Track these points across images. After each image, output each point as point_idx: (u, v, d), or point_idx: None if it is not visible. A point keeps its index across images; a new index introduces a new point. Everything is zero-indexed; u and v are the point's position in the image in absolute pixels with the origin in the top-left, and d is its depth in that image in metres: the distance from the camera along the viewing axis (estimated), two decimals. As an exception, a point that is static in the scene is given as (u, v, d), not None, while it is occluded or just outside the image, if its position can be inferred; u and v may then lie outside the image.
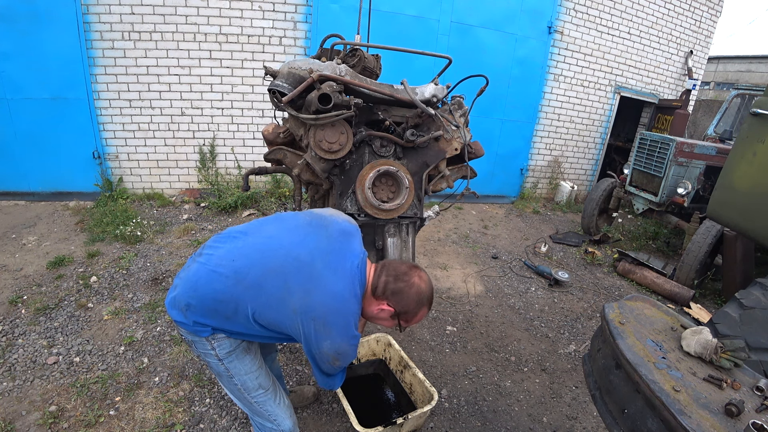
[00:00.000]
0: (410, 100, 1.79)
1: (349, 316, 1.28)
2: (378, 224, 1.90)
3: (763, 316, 1.93)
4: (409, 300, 1.34)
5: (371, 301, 1.37)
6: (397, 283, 1.33)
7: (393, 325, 1.42)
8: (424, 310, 1.39)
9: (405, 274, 1.35)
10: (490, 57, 6.09)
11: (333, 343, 1.25)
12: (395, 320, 1.39)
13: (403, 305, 1.34)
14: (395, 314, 1.36)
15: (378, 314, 1.37)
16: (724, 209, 2.64)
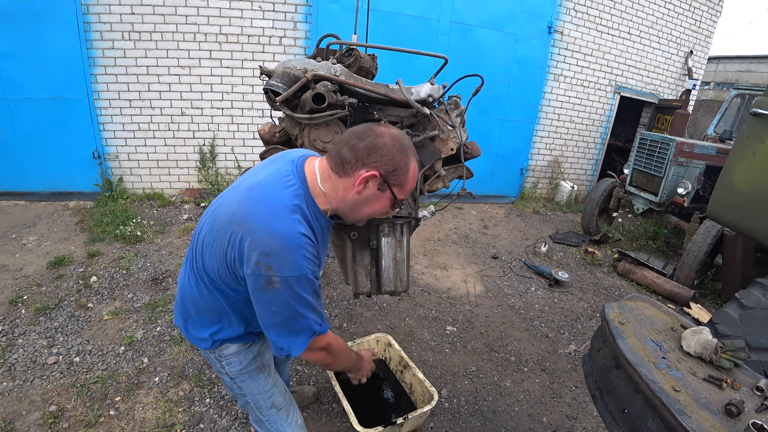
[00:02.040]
0: (405, 99, 1.78)
1: (276, 208, 1.03)
2: (372, 224, 1.89)
3: (763, 316, 1.93)
4: (389, 150, 1.04)
5: (345, 183, 1.08)
6: (364, 140, 1.05)
7: (387, 205, 1.14)
8: (413, 162, 1.10)
9: (368, 130, 1.07)
10: (490, 57, 6.08)
11: (255, 240, 0.99)
12: (386, 191, 1.10)
13: (386, 161, 1.05)
14: (383, 181, 1.07)
15: (364, 194, 1.09)
16: (724, 209, 2.63)
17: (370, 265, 1.94)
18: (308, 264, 1.04)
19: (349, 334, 2.95)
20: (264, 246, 1.00)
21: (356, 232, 1.88)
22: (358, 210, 1.15)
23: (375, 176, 1.06)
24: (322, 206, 1.13)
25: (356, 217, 1.18)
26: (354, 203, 1.12)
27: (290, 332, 1.08)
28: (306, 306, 1.07)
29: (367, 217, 1.18)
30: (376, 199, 1.12)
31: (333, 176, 1.10)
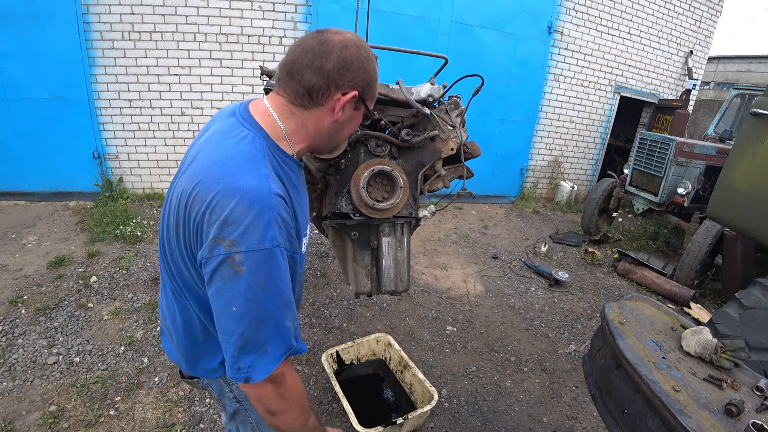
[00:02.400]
0: (405, 99, 1.78)
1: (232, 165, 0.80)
2: (373, 224, 1.89)
3: (763, 316, 1.93)
4: (360, 62, 0.86)
5: (317, 115, 0.89)
6: (330, 58, 0.83)
7: (360, 120, 0.99)
8: (376, 63, 0.95)
9: (326, 43, 0.85)
10: (490, 57, 6.09)
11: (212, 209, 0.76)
12: (361, 108, 0.95)
13: (361, 75, 0.87)
14: (359, 99, 0.90)
15: (342, 118, 0.92)
16: (724, 209, 2.63)
17: (371, 265, 1.94)
18: (283, 235, 0.81)
19: (349, 334, 2.95)
20: (222, 212, 0.75)
21: (357, 232, 1.88)
22: (335, 138, 0.98)
23: (355, 96, 0.88)
24: (289, 150, 0.92)
25: (333, 146, 1.01)
26: (330, 132, 0.95)
27: (255, 346, 0.78)
28: (281, 303, 0.81)
29: (342, 142, 1.04)
30: (352, 119, 0.96)
31: (297, 111, 0.89)
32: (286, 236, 0.82)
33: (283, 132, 0.90)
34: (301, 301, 1.22)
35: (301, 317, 3.09)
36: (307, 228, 1.01)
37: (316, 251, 4.23)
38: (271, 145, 0.88)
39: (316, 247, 4.33)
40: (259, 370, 0.80)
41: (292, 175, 0.92)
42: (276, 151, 0.88)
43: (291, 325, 0.84)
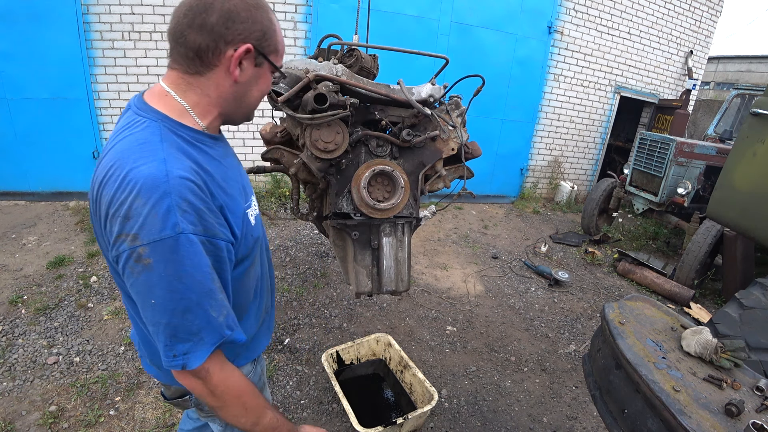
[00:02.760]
0: (406, 100, 1.79)
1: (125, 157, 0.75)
2: (374, 224, 1.90)
3: (763, 316, 1.93)
4: (247, 12, 0.80)
5: (215, 78, 0.82)
6: (211, 12, 0.77)
7: (269, 79, 0.91)
8: (273, 14, 0.87)
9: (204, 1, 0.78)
10: (490, 57, 6.09)
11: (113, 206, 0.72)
12: (264, 64, 0.86)
13: (251, 26, 0.80)
14: (258, 53, 0.83)
15: (243, 78, 0.84)
16: (724, 209, 2.63)
17: (372, 265, 1.94)
18: (191, 219, 0.73)
19: (349, 334, 2.95)
20: (122, 207, 0.71)
21: (358, 232, 1.88)
22: (245, 102, 0.89)
23: (249, 50, 0.81)
24: (197, 125, 0.85)
25: (245, 111, 0.93)
26: (237, 96, 0.87)
27: (189, 333, 0.76)
28: (201, 291, 0.75)
29: (255, 106, 0.94)
30: (257, 78, 0.87)
31: (194, 80, 0.82)
32: (197, 219, 0.74)
33: (184, 107, 0.83)
34: (274, 285, 1.21)
35: (301, 317, 3.09)
36: (249, 201, 0.95)
37: (316, 251, 4.23)
38: (171, 125, 0.81)
39: (316, 247, 4.33)
40: (195, 356, 0.77)
41: (210, 150, 0.85)
42: (181, 129, 0.81)
43: (217, 314, 0.77)
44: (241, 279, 0.95)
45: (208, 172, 0.80)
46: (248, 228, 0.91)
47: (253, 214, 0.96)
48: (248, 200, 0.95)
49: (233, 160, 0.97)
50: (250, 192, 1.00)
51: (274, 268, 1.28)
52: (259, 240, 0.99)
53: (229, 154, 0.96)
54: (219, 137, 0.93)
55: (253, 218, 0.96)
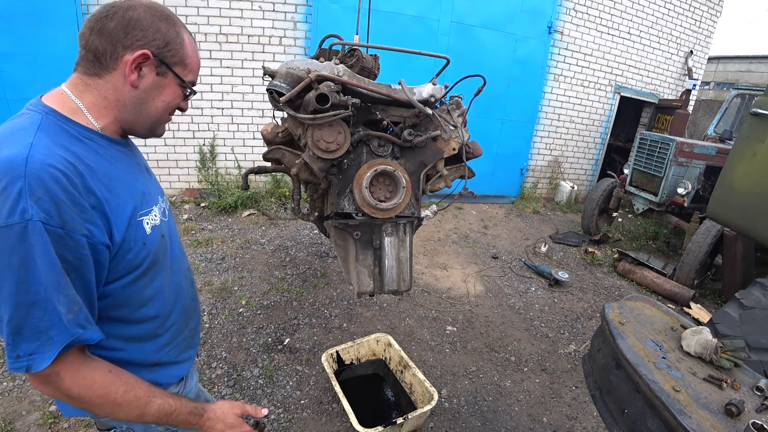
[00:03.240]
0: (407, 100, 1.79)
1: None
2: (375, 223, 1.90)
3: (763, 316, 1.93)
4: (149, 22, 0.82)
5: (113, 81, 0.82)
6: (113, 18, 0.80)
7: (178, 93, 0.90)
8: (185, 32, 0.89)
9: (112, 7, 0.81)
10: (490, 57, 6.09)
11: None
12: (168, 74, 0.87)
13: (152, 35, 0.82)
14: (159, 62, 0.84)
15: (142, 85, 0.84)
16: (724, 209, 2.64)
17: (373, 265, 1.94)
18: (45, 207, 0.68)
19: (349, 334, 2.96)
20: None
21: (359, 232, 1.88)
22: (144, 111, 0.87)
23: (146, 56, 0.81)
24: (91, 125, 0.83)
25: (146, 122, 0.90)
26: (135, 102, 0.85)
27: (36, 332, 0.70)
28: (49, 285, 0.69)
29: (160, 117, 0.91)
30: (158, 88, 0.87)
31: (92, 81, 0.82)
32: (53, 209, 0.68)
33: (78, 107, 0.82)
34: (197, 308, 1.15)
35: (301, 317, 3.10)
36: (147, 208, 0.90)
37: (316, 251, 4.23)
38: (59, 119, 0.79)
39: (316, 247, 4.33)
40: (42, 357, 0.70)
41: (99, 149, 0.82)
42: (69, 123, 0.80)
43: (66, 310, 0.71)
44: (129, 291, 0.86)
45: (90, 166, 0.77)
46: (138, 235, 0.85)
47: (151, 224, 0.90)
48: (146, 207, 0.90)
49: (135, 167, 0.94)
50: (154, 201, 0.95)
51: (196, 289, 1.18)
52: (157, 254, 0.91)
53: (129, 160, 0.92)
54: (120, 141, 0.90)
55: (150, 227, 0.89)
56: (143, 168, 0.99)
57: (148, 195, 0.94)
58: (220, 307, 3.11)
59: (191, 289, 1.12)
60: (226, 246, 4.14)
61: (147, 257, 0.87)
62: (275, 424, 2.17)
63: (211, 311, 3.06)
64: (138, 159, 0.98)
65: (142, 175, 0.96)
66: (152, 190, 0.97)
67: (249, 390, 2.38)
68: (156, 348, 0.96)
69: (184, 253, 1.11)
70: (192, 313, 1.11)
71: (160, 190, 1.05)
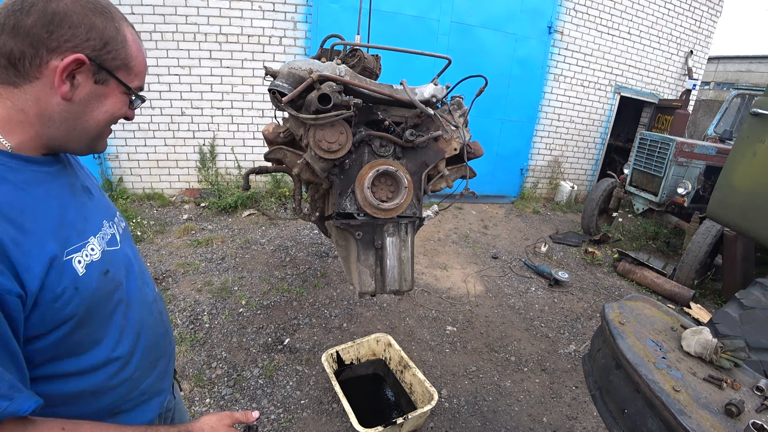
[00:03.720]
0: (409, 100, 1.79)
1: None
2: (377, 224, 1.90)
3: (763, 316, 1.93)
4: (80, 17, 0.66)
5: (35, 92, 0.67)
6: (31, 13, 0.63)
7: (122, 101, 0.76)
8: (125, 26, 0.76)
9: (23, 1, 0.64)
10: (490, 57, 6.09)
11: None
12: (110, 81, 0.72)
13: (85, 33, 0.67)
14: (98, 67, 0.69)
15: (77, 96, 0.69)
16: (724, 209, 2.64)
17: (375, 265, 1.94)
18: None
19: (349, 334, 2.96)
20: None
21: (361, 232, 1.89)
22: (80, 125, 0.72)
23: (80, 61, 0.66)
24: (3, 144, 0.68)
25: (83, 138, 0.75)
26: (67, 116, 0.70)
27: None
28: None
29: (102, 131, 0.76)
30: (100, 98, 0.72)
31: (5, 91, 0.66)
32: None
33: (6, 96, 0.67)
34: (165, 336, 0.98)
35: (301, 317, 3.10)
36: (79, 243, 0.73)
37: (316, 251, 4.23)
38: None
39: (316, 247, 4.33)
40: None
41: (6, 173, 0.66)
42: None
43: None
44: (65, 345, 0.71)
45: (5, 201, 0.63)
46: (65, 279, 0.68)
47: (86, 261, 0.73)
48: (79, 240, 0.73)
49: (65, 189, 0.77)
50: (94, 230, 0.78)
51: (168, 318, 1.02)
52: (98, 297, 0.74)
53: (58, 182, 0.76)
54: (41, 160, 0.73)
55: (83, 267, 0.72)
56: (80, 189, 0.81)
57: (85, 223, 0.77)
58: (220, 307, 3.11)
59: (159, 322, 0.95)
60: (226, 246, 4.14)
61: (81, 304, 0.70)
62: (275, 424, 2.18)
63: (211, 311, 3.06)
64: (73, 179, 0.80)
65: (77, 199, 0.79)
66: (92, 215, 0.81)
67: (249, 390, 2.38)
68: (113, 399, 0.81)
69: (147, 283, 0.94)
70: (162, 350, 0.95)
71: (107, 212, 0.88)
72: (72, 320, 0.70)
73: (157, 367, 0.93)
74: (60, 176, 0.77)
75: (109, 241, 0.82)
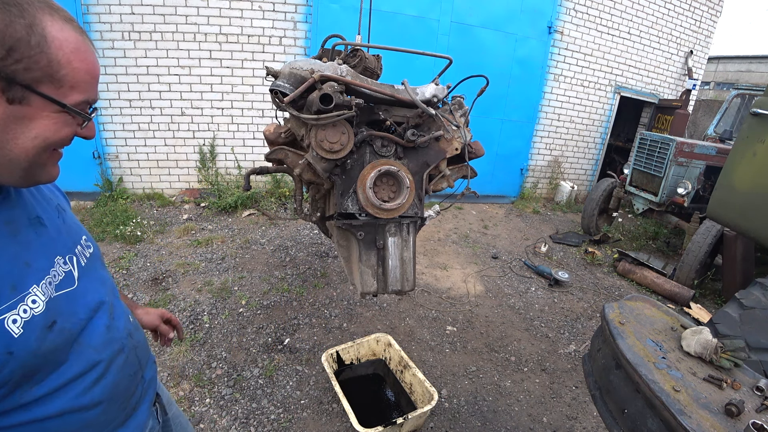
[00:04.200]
0: (411, 100, 1.79)
1: None
2: (379, 224, 1.90)
3: (763, 316, 1.94)
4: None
5: None
6: None
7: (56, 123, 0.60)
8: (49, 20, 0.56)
9: None
10: (490, 57, 6.09)
11: None
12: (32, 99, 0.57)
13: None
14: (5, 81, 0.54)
15: None
16: (724, 209, 2.64)
17: (377, 265, 1.94)
18: None
19: (350, 334, 2.96)
20: None
21: (363, 232, 1.89)
22: (5, 154, 0.58)
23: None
24: None
25: (14, 169, 0.60)
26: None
27: None
28: None
29: (34, 161, 0.61)
30: (22, 120, 0.57)
31: None
32: None
33: None
34: (138, 372, 0.88)
35: (301, 317, 3.10)
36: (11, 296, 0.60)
37: (316, 251, 4.23)
38: None
39: (316, 247, 4.33)
40: None
41: None
42: None
43: None
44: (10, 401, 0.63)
45: None
46: None
47: (25, 318, 0.61)
48: (16, 293, 0.61)
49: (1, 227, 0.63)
50: (40, 275, 0.66)
51: (144, 349, 0.92)
52: (41, 356, 0.63)
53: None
54: None
55: (20, 327, 0.60)
56: (24, 224, 0.67)
57: (25, 270, 0.64)
58: (220, 307, 3.12)
59: (132, 361, 0.84)
60: (226, 246, 4.15)
61: (17, 369, 0.60)
62: (275, 424, 2.18)
63: (211, 311, 3.07)
64: (14, 212, 0.66)
65: (17, 239, 0.65)
66: (37, 257, 0.67)
67: (249, 390, 2.38)
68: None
69: (118, 317, 0.82)
70: (131, 390, 0.85)
71: (64, 244, 0.75)
72: (7, 385, 0.60)
73: (126, 409, 0.83)
74: (5, 215, 0.64)
75: (60, 284, 0.69)
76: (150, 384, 0.94)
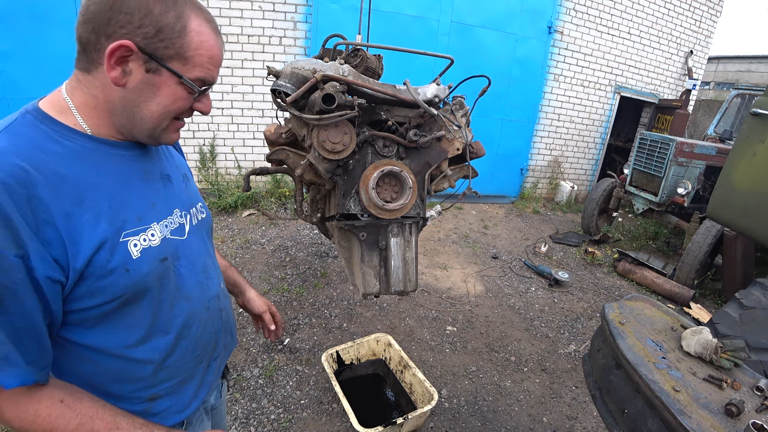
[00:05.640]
0: (413, 100, 1.79)
1: None
2: (381, 224, 1.90)
3: (763, 316, 1.94)
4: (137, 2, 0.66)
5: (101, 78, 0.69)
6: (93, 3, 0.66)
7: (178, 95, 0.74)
8: (192, 13, 0.71)
9: None
10: (490, 57, 6.09)
11: None
12: (161, 71, 0.70)
13: (138, 19, 0.66)
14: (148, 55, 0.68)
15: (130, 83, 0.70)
16: (724, 209, 2.64)
17: (379, 266, 1.95)
18: None
19: (349, 334, 2.96)
20: None
21: (365, 233, 1.89)
22: (136, 114, 0.73)
23: (125, 48, 0.65)
24: (76, 125, 0.72)
25: (144, 128, 0.75)
26: (125, 104, 0.71)
27: None
28: None
29: (158, 124, 0.76)
30: (154, 88, 0.71)
31: (82, 77, 0.71)
32: None
33: (68, 105, 0.71)
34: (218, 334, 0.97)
35: (301, 317, 3.10)
36: (138, 227, 0.75)
37: (316, 251, 4.23)
38: (38, 117, 0.69)
39: (316, 247, 4.33)
40: None
41: (82, 153, 0.71)
42: (48, 122, 0.69)
43: None
44: (110, 319, 0.74)
45: (59, 173, 0.66)
46: (117, 259, 0.70)
47: (143, 246, 0.74)
48: (140, 225, 0.75)
49: (139, 174, 0.79)
50: (159, 216, 0.80)
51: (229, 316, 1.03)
52: (147, 282, 0.75)
53: (132, 166, 0.78)
54: (119, 144, 0.76)
55: (138, 251, 0.73)
56: (156, 176, 0.84)
57: (150, 209, 0.79)
58: (221, 307, 3.12)
59: (215, 319, 0.94)
60: (226, 246, 4.15)
61: (130, 286, 0.73)
62: (275, 424, 2.18)
63: (212, 311, 3.06)
64: (151, 165, 0.83)
65: (149, 185, 0.81)
66: (163, 202, 0.82)
67: (249, 390, 2.39)
68: (145, 387, 0.81)
69: (212, 278, 0.94)
70: (211, 347, 0.94)
71: (184, 202, 0.90)
72: (119, 299, 0.72)
73: (202, 362, 0.92)
74: (135, 161, 0.79)
75: (175, 230, 0.83)
76: (225, 350, 1.04)
